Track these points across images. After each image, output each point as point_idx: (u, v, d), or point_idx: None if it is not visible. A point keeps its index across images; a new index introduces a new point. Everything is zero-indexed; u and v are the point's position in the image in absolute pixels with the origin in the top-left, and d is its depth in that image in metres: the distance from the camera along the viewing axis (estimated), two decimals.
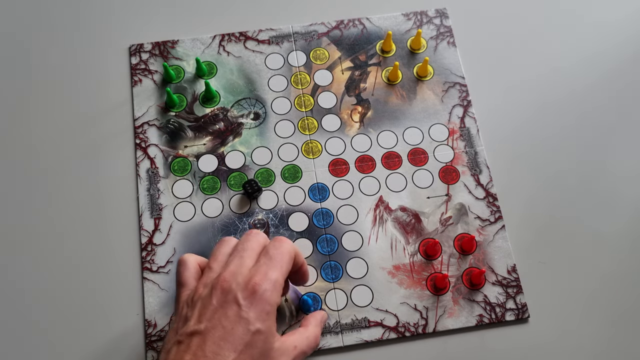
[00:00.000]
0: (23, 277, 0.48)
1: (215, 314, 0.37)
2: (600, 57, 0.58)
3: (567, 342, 0.47)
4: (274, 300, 0.38)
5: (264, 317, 0.37)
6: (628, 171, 0.53)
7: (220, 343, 0.36)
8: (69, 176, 0.52)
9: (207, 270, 0.40)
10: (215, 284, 0.38)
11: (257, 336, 0.36)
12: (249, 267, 0.39)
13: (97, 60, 0.56)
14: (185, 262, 0.41)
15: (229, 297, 0.37)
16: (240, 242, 0.41)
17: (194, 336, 0.36)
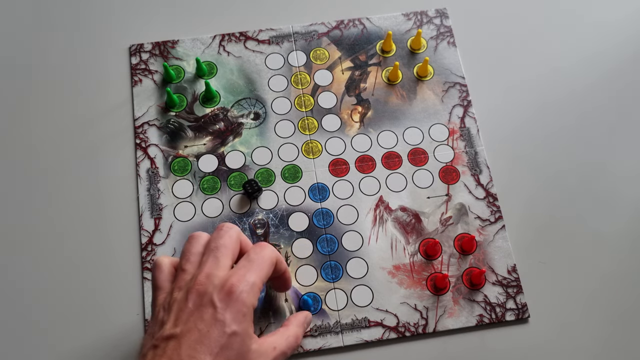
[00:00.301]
0: (23, 277, 0.48)
1: (191, 317, 0.36)
2: (600, 57, 0.58)
3: (567, 342, 0.47)
4: (251, 302, 0.37)
5: (240, 318, 0.36)
6: (628, 171, 0.53)
7: (196, 346, 0.35)
8: (69, 176, 0.52)
9: (180, 272, 0.39)
10: (190, 287, 0.37)
11: (233, 338, 0.36)
12: (224, 267, 0.38)
13: (97, 60, 0.56)
14: (160, 265, 0.40)
15: (204, 299, 0.36)
16: (213, 240, 0.39)
17: (170, 340, 0.36)
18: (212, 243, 0.39)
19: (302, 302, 0.47)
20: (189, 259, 0.39)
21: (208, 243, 0.40)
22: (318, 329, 0.47)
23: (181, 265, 0.39)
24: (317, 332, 0.47)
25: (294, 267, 0.49)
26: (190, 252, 0.39)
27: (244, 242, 0.41)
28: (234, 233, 0.40)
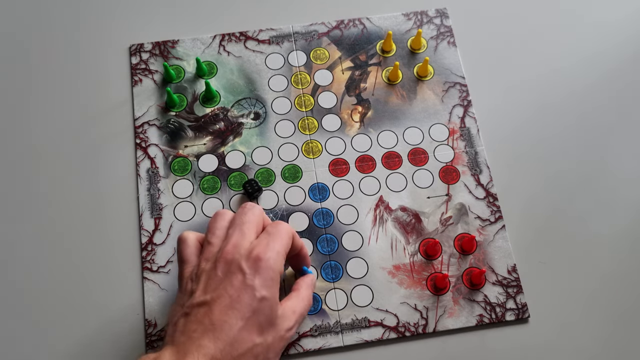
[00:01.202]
0: (23, 276, 0.48)
1: (220, 284, 0.37)
2: (600, 57, 0.58)
3: (567, 342, 0.47)
4: (278, 267, 0.38)
5: (269, 284, 0.37)
6: (628, 171, 0.53)
7: (227, 311, 0.36)
8: (69, 176, 0.52)
9: (207, 245, 0.40)
10: (218, 257, 0.38)
11: (263, 303, 0.37)
12: (250, 239, 0.39)
13: (97, 60, 0.56)
14: (186, 240, 0.41)
15: (233, 267, 0.37)
16: (238, 216, 0.41)
17: (201, 307, 0.36)
18: (237, 219, 0.41)
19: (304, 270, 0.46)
20: (215, 233, 0.40)
21: (233, 219, 0.41)
22: (318, 328, 0.47)
23: (208, 239, 0.40)
24: (317, 332, 0.47)
25: None
26: (216, 227, 0.41)
27: (266, 219, 0.43)
28: (257, 210, 0.41)
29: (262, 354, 0.37)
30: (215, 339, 0.35)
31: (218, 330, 0.36)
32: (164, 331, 0.44)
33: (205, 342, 0.35)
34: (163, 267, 0.48)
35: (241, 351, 0.36)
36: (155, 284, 0.48)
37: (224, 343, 0.35)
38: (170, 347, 0.36)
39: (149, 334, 0.46)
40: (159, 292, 0.48)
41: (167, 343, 0.37)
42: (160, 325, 0.47)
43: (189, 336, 0.36)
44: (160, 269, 0.48)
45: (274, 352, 0.38)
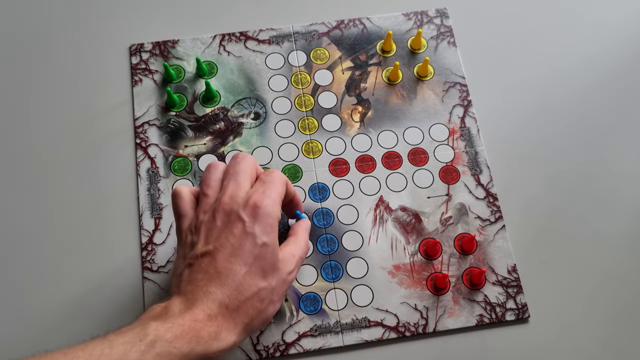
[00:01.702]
0: (23, 278, 0.48)
1: (221, 233, 0.38)
2: (601, 57, 0.58)
3: (567, 342, 0.47)
4: (275, 214, 0.39)
5: (269, 230, 0.38)
6: (628, 171, 0.53)
7: (230, 259, 0.37)
8: (69, 176, 0.52)
9: (203, 197, 0.40)
10: (216, 208, 0.39)
11: (265, 248, 0.38)
12: (245, 189, 0.40)
13: (97, 60, 0.56)
14: (180, 193, 0.41)
15: (232, 216, 0.38)
16: (231, 166, 0.41)
17: (204, 257, 0.37)
18: (230, 169, 0.41)
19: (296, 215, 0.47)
20: (210, 185, 0.41)
21: (227, 170, 0.41)
22: (318, 328, 0.47)
23: (203, 191, 0.41)
24: (317, 332, 0.47)
25: None
26: (211, 178, 0.41)
27: (259, 169, 0.43)
28: (250, 159, 0.42)
29: (267, 297, 0.38)
30: (222, 285, 0.36)
31: (224, 277, 0.37)
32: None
33: (212, 289, 0.36)
34: (163, 267, 0.48)
35: (247, 295, 0.37)
36: (156, 284, 0.48)
37: (230, 289, 0.36)
38: (178, 296, 0.37)
39: None
40: (159, 292, 0.48)
41: (173, 293, 0.38)
42: None
43: (195, 285, 0.37)
44: (161, 269, 0.48)
45: (277, 295, 0.39)
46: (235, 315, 0.37)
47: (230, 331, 0.36)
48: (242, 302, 0.37)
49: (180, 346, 0.34)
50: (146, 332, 0.34)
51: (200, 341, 0.35)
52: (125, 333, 0.34)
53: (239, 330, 0.37)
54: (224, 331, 0.36)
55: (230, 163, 0.42)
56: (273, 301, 0.39)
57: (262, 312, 0.38)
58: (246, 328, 0.37)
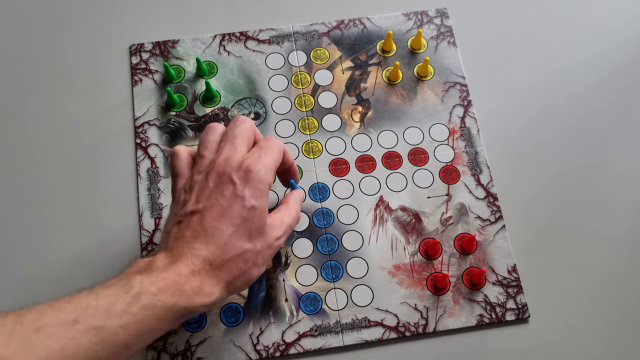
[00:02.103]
0: (23, 278, 0.48)
1: (212, 194, 0.39)
2: (601, 58, 0.58)
3: (567, 342, 0.47)
4: (267, 179, 0.40)
5: (258, 194, 0.39)
6: (628, 172, 0.53)
7: (218, 218, 0.38)
8: (69, 176, 0.52)
9: (199, 158, 0.41)
10: (210, 169, 0.40)
11: (253, 212, 0.38)
12: (241, 152, 0.40)
13: (98, 60, 0.56)
14: (178, 153, 0.42)
15: (224, 178, 0.39)
16: (230, 129, 0.42)
17: (193, 215, 0.38)
18: (229, 132, 0.42)
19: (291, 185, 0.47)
20: (207, 146, 0.41)
21: (225, 133, 0.42)
22: (318, 328, 0.47)
23: (200, 152, 0.41)
24: (317, 332, 0.47)
25: (294, 267, 0.49)
26: (208, 140, 0.42)
27: (257, 134, 0.43)
28: (249, 123, 0.42)
29: (251, 259, 0.39)
30: (207, 243, 0.37)
31: (210, 235, 0.37)
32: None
33: (197, 245, 0.37)
34: None
35: (231, 255, 0.38)
36: None
37: (215, 247, 0.37)
38: (164, 251, 0.38)
39: None
40: None
41: (161, 249, 0.39)
42: None
43: (182, 241, 0.38)
44: None
45: (262, 259, 0.40)
46: (218, 272, 0.37)
47: (213, 287, 0.37)
48: (226, 261, 0.37)
49: (164, 299, 0.35)
50: (131, 285, 0.35)
51: (183, 295, 0.35)
52: (111, 286, 0.35)
53: (221, 287, 0.38)
54: (207, 286, 0.37)
55: (229, 126, 0.42)
56: (257, 264, 0.39)
57: (245, 273, 0.39)
58: (228, 286, 0.38)
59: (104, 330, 0.33)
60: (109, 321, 0.33)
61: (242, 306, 0.47)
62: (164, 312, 0.35)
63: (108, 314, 0.33)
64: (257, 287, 0.48)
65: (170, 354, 0.46)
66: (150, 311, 0.34)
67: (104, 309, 0.33)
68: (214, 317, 0.47)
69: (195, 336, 0.46)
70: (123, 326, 0.33)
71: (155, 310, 0.34)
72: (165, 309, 0.35)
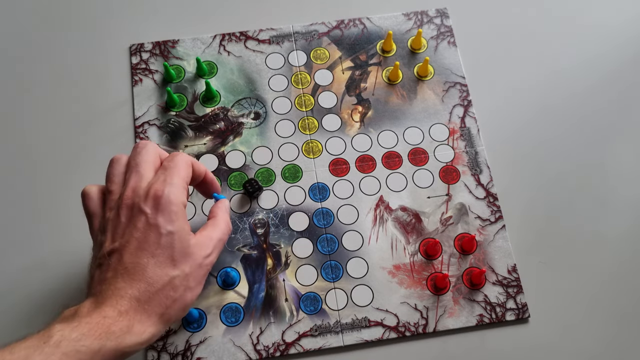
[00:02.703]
0: (23, 278, 0.48)
1: (126, 229, 0.38)
2: (601, 59, 0.58)
3: (567, 342, 0.47)
4: (179, 199, 0.38)
5: (173, 218, 0.37)
6: (628, 172, 0.53)
7: (137, 253, 0.37)
8: (69, 176, 0.52)
9: (108, 194, 0.40)
10: (120, 204, 0.39)
11: (171, 237, 0.37)
12: (147, 179, 0.39)
13: (98, 60, 0.56)
14: (88, 193, 0.41)
15: (134, 210, 0.38)
16: (132, 158, 0.40)
17: (112, 255, 0.37)
18: (132, 161, 0.40)
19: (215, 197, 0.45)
20: (113, 180, 0.40)
21: (128, 162, 0.41)
22: (318, 328, 0.47)
23: (108, 188, 0.40)
24: (317, 331, 0.47)
25: (294, 267, 0.49)
26: (113, 174, 0.41)
27: (162, 155, 0.42)
28: (150, 147, 0.41)
29: (181, 284, 0.38)
30: (131, 280, 0.36)
31: (132, 272, 0.36)
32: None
33: (121, 285, 0.36)
34: None
35: (158, 286, 0.37)
36: None
37: (139, 282, 0.36)
38: (89, 298, 0.37)
39: None
40: None
41: (87, 296, 0.38)
42: None
43: (105, 284, 0.37)
44: None
45: (195, 281, 0.38)
46: (148, 307, 0.36)
47: (144, 323, 0.36)
48: (154, 294, 0.36)
49: (88, 344, 0.34)
50: (50, 334, 0.33)
51: (111, 336, 0.34)
52: (28, 339, 0.34)
53: (154, 321, 0.37)
54: (137, 324, 0.36)
55: (131, 154, 0.41)
56: (190, 287, 0.38)
57: (178, 300, 0.37)
58: (162, 318, 0.37)
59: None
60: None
61: (242, 306, 0.47)
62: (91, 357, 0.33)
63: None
64: (257, 287, 0.48)
65: (170, 354, 0.46)
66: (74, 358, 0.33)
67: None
68: (214, 317, 0.47)
69: (195, 336, 0.46)
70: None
71: (80, 356, 0.33)
72: (91, 353, 0.33)
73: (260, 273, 0.48)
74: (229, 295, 0.48)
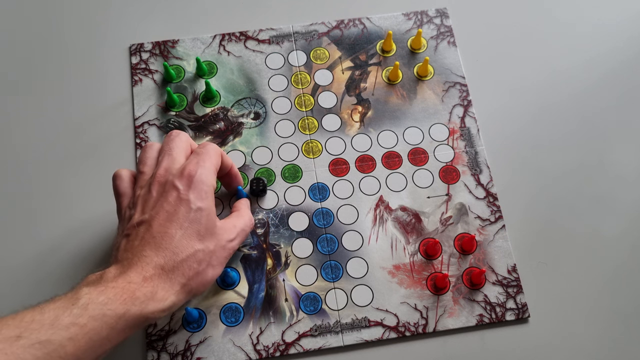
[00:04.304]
0: (23, 279, 0.48)
1: (157, 203, 0.39)
2: (601, 59, 0.58)
3: (567, 342, 0.47)
4: (210, 182, 0.40)
5: (203, 196, 0.40)
6: (628, 172, 0.53)
7: (166, 224, 0.38)
8: (69, 176, 0.52)
9: (139, 175, 0.42)
10: (152, 181, 0.40)
11: (200, 213, 0.39)
12: (180, 162, 0.41)
13: (98, 59, 0.56)
14: (120, 175, 0.43)
15: (167, 186, 0.39)
16: (166, 143, 0.43)
17: (140, 225, 0.39)
18: (165, 147, 0.42)
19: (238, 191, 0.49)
20: (145, 162, 0.42)
21: (161, 148, 0.43)
22: (318, 328, 0.47)
23: (139, 169, 0.42)
24: (317, 332, 0.47)
25: (294, 267, 0.49)
26: (146, 157, 0.43)
27: (193, 145, 0.44)
28: (183, 137, 0.43)
29: (204, 259, 0.39)
30: (157, 248, 0.38)
31: (159, 241, 0.38)
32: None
33: (147, 252, 0.37)
34: None
35: (183, 256, 0.38)
36: None
37: (165, 250, 0.38)
38: (114, 264, 0.38)
39: (148, 333, 0.46)
40: None
41: (111, 264, 0.39)
42: (161, 325, 0.47)
43: (131, 251, 0.38)
44: None
45: (217, 260, 0.40)
46: (172, 275, 0.37)
47: (168, 291, 0.37)
48: (178, 263, 0.38)
49: (114, 308, 0.34)
50: (78, 297, 0.34)
51: (135, 302, 0.35)
52: (57, 300, 0.35)
53: (177, 290, 0.38)
54: (161, 291, 0.37)
55: (164, 141, 0.43)
56: (212, 265, 0.40)
57: (200, 274, 0.39)
58: (184, 288, 0.38)
59: (49, 343, 0.32)
60: (55, 334, 0.32)
61: (242, 306, 0.47)
62: (116, 321, 0.34)
63: (54, 327, 0.33)
64: (257, 287, 0.48)
65: (170, 354, 0.46)
66: (100, 321, 0.34)
67: (49, 322, 0.33)
68: (214, 317, 0.47)
69: (195, 336, 0.46)
70: (71, 338, 0.33)
71: (106, 319, 0.34)
72: (116, 317, 0.34)
73: (260, 273, 0.48)
74: (229, 295, 0.48)
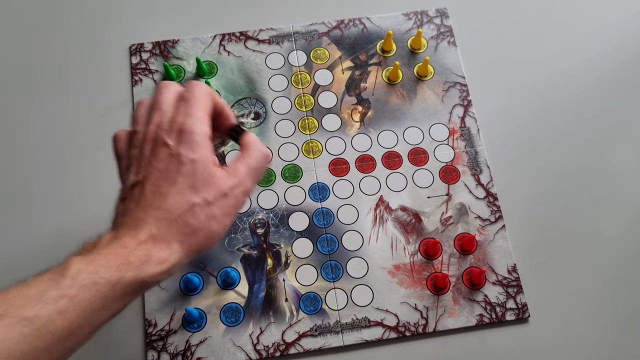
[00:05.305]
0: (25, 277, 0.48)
1: (149, 162, 0.37)
2: (601, 59, 0.58)
3: (567, 341, 0.47)
4: (202, 130, 0.38)
5: (195, 147, 0.37)
6: (628, 172, 0.53)
7: (158, 182, 0.36)
8: (69, 176, 0.52)
9: (133, 135, 0.40)
10: (143, 140, 0.39)
11: (192, 165, 0.37)
12: (170, 115, 0.39)
13: (98, 59, 0.56)
14: (118, 136, 0.41)
15: (157, 143, 0.38)
16: (154, 98, 0.40)
17: (135, 187, 0.37)
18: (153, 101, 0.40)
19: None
20: (138, 121, 0.40)
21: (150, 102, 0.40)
22: (318, 328, 0.47)
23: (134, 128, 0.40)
24: (317, 331, 0.47)
25: (294, 267, 0.49)
26: (138, 114, 0.41)
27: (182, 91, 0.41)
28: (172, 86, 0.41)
29: (203, 212, 0.37)
30: (151, 208, 0.36)
31: (152, 201, 0.36)
32: None
33: (141, 215, 0.36)
34: None
35: (178, 213, 0.36)
36: None
37: (159, 210, 0.36)
38: (112, 230, 0.37)
39: (148, 333, 0.46)
40: (159, 292, 0.48)
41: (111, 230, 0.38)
42: (161, 324, 0.47)
43: (127, 215, 0.37)
44: None
45: (220, 210, 0.37)
46: (167, 235, 0.36)
47: (164, 252, 0.36)
48: (172, 221, 0.36)
49: (107, 276, 0.33)
50: (66, 267, 0.33)
51: (129, 267, 0.34)
52: (45, 273, 0.33)
53: (174, 249, 0.36)
54: (156, 253, 0.35)
55: (153, 95, 0.41)
56: (214, 216, 0.37)
57: (200, 229, 0.37)
58: (183, 247, 0.36)
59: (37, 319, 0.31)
60: (43, 309, 0.31)
61: (242, 306, 0.47)
62: (110, 289, 0.33)
63: (41, 301, 0.31)
64: (257, 287, 0.48)
65: (170, 354, 0.46)
66: (92, 291, 0.33)
67: (35, 297, 0.32)
68: (214, 317, 0.47)
69: (195, 336, 0.46)
70: (61, 311, 0.32)
71: (98, 287, 0.33)
72: (110, 284, 0.33)
73: (260, 273, 0.48)
74: (229, 295, 0.48)
